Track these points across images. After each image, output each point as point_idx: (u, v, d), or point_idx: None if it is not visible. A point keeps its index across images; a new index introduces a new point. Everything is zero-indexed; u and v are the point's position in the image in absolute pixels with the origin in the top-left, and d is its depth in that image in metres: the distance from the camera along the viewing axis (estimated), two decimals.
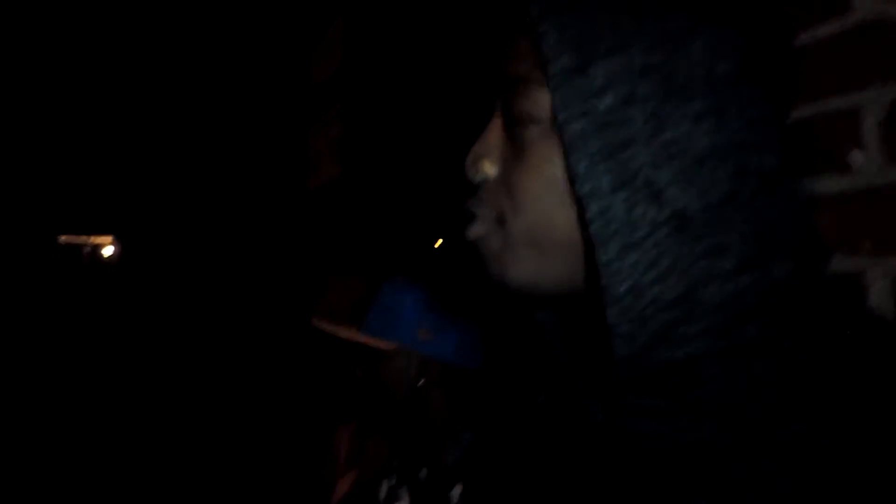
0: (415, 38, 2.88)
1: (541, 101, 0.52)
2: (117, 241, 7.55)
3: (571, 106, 0.48)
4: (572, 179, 0.49)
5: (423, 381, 1.21)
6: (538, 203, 0.53)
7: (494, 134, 0.58)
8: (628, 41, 0.47)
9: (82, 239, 8.77)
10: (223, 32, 4.81)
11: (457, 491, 1.10)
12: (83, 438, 4.61)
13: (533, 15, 0.50)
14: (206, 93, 5.57)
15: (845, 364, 0.46)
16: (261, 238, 4.66)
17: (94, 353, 6.41)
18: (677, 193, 0.46)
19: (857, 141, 0.91)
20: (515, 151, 0.55)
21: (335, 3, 3.34)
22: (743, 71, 0.48)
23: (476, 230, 0.58)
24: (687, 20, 0.47)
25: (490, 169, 0.57)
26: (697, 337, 0.47)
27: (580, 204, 0.48)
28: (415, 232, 3.26)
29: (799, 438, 0.44)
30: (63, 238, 8.23)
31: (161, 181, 6.42)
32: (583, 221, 0.50)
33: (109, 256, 8.69)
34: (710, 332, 0.47)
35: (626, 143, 0.47)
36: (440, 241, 3.51)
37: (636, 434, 0.51)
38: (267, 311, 4.23)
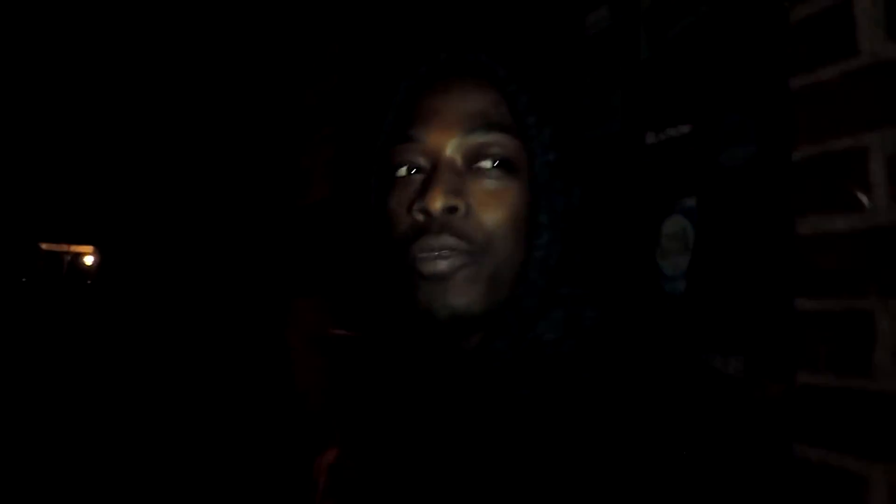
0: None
1: (515, 150, 0.65)
2: (98, 251, 7.47)
3: (541, 155, 0.64)
4: (535, 213, 0.64)
5: None
6: (506, 241, 0.63)
7: (452, 174, 0.64)
8: (553, 119, 0.65)
9: (63, 247, 8.69)
10: (219, 48, 4.81)
11: None
12: (58, 445, 4.54)
13: (502, 76, 0.66)
14: (196, 108, 5.57)
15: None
16: (245, 252, 4.63)
17: (72, 359, 6.31)
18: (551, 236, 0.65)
19: (863, 181, 0.90)
20: (484, 192, 0.64)
21: (330, 25, 3.35)
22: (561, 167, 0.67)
23: (451, 263, 0.62)
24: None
25: (462, 206, 0.63)
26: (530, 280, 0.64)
27: (535, 231, 0.64)
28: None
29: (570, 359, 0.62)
30: (44, 245, 8.15)
31: (147, 194, 6.39)
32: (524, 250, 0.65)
33: (90, 266, 8.61)
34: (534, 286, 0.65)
35: (558, 192, 0.64)
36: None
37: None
38: (248, 326, 4.18)
